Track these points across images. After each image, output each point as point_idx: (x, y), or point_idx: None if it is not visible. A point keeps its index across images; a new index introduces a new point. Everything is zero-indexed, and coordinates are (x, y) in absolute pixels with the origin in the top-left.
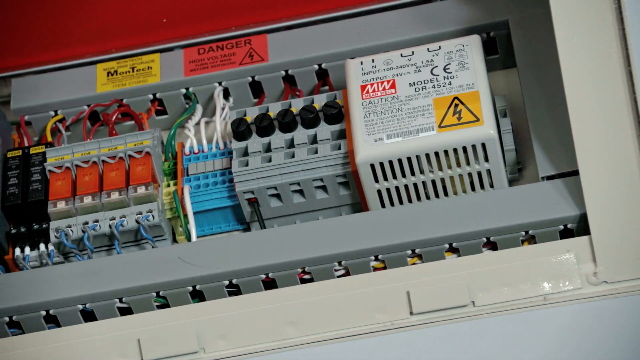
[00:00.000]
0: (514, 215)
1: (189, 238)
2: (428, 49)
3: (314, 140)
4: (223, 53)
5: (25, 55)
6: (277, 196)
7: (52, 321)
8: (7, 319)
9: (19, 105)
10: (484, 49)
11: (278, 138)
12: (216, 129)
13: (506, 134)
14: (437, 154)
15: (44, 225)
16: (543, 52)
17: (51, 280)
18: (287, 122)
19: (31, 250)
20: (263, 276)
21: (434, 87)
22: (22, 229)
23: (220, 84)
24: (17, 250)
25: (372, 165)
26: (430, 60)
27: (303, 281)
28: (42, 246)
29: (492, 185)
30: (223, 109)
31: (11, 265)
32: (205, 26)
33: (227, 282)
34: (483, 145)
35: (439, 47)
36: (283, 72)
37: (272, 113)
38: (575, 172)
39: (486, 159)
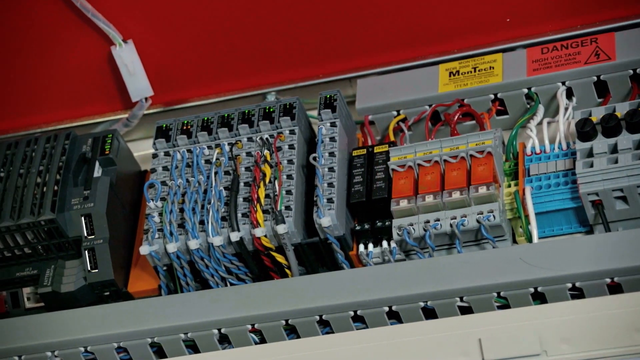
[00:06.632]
0: None
1: (529, 239)
2: None
3: None
4: (567, 52)
5: (369, 56)
6: (623, 199)
7: (394, 317)
8: (352, 313)
9: (364, 105)
10: None
11: (625, 139)
12: (559, 129)
13: None
14: None
15: (386, 223)
16: None
17: (394, 277)
18: (635, 122)
19: (374, 247)
20: (608, 280)
21: None
22: (366, 226)
23: (563, 83)
24: (361, 247)
25: None
26: None
27: None
28: (384, 243)
29: None
30: (566, 109)
31: (355, 260)
32: (549, 25)
33: (569, 285)
34: None
35: None
36: (631, 71)
37: (620, 113)
38: None
39: None
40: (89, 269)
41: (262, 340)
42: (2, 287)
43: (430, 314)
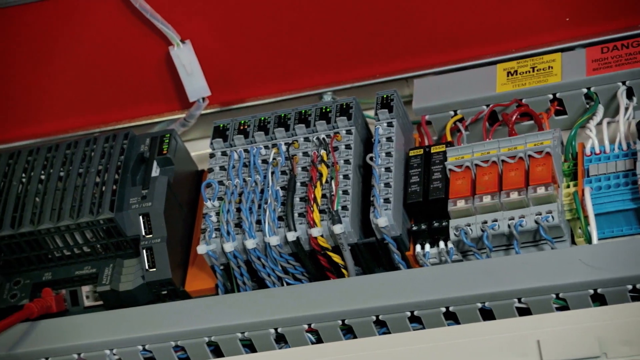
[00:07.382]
0: None
1: (589, 240)
2: None
3: None
4: (628, 51)
5: (426, 56)
6: None
7: (452, 318)
8: (408, 313)
9: (420, 105)
10: None
11: None
12: (619, 130)
13: None
14: None
15: (443, 223)
16: None
17: (451, 278)
18: None
19: (431, 247)
20: None
21: None
22: (423, 226)
23: (624, 83)
24: (418, 247)
25: None
26: None
27: None
28: (441, 244)
29: None
30: (627, 108)
31: (412, 261)
32: (609, 24)
33: (630, 287)
34: None
35: None
36: None
37: None
38: None
39: None
40: (147, 267)
41: (319, 340)
42: (62, 285)
43: (488, 315)
